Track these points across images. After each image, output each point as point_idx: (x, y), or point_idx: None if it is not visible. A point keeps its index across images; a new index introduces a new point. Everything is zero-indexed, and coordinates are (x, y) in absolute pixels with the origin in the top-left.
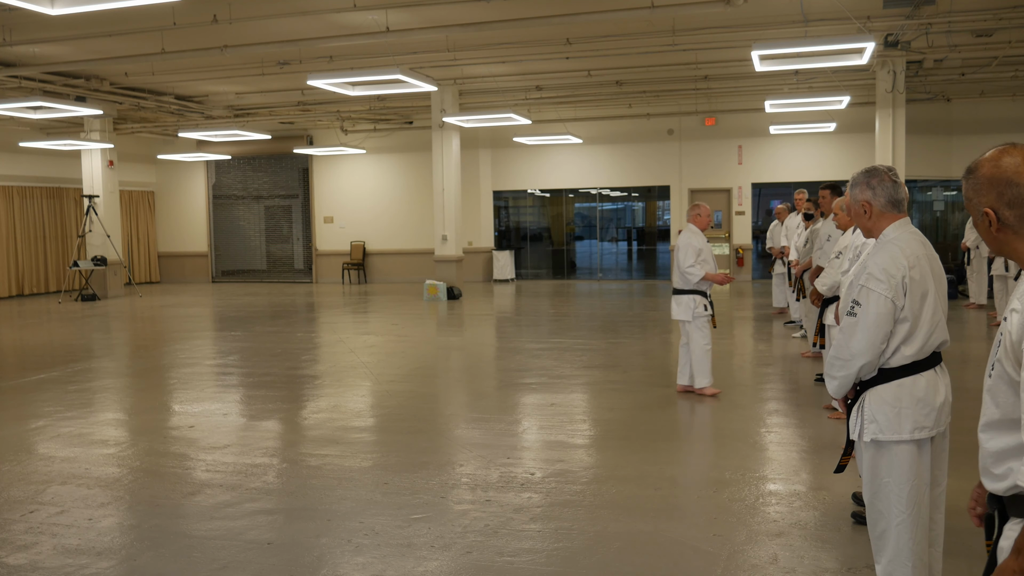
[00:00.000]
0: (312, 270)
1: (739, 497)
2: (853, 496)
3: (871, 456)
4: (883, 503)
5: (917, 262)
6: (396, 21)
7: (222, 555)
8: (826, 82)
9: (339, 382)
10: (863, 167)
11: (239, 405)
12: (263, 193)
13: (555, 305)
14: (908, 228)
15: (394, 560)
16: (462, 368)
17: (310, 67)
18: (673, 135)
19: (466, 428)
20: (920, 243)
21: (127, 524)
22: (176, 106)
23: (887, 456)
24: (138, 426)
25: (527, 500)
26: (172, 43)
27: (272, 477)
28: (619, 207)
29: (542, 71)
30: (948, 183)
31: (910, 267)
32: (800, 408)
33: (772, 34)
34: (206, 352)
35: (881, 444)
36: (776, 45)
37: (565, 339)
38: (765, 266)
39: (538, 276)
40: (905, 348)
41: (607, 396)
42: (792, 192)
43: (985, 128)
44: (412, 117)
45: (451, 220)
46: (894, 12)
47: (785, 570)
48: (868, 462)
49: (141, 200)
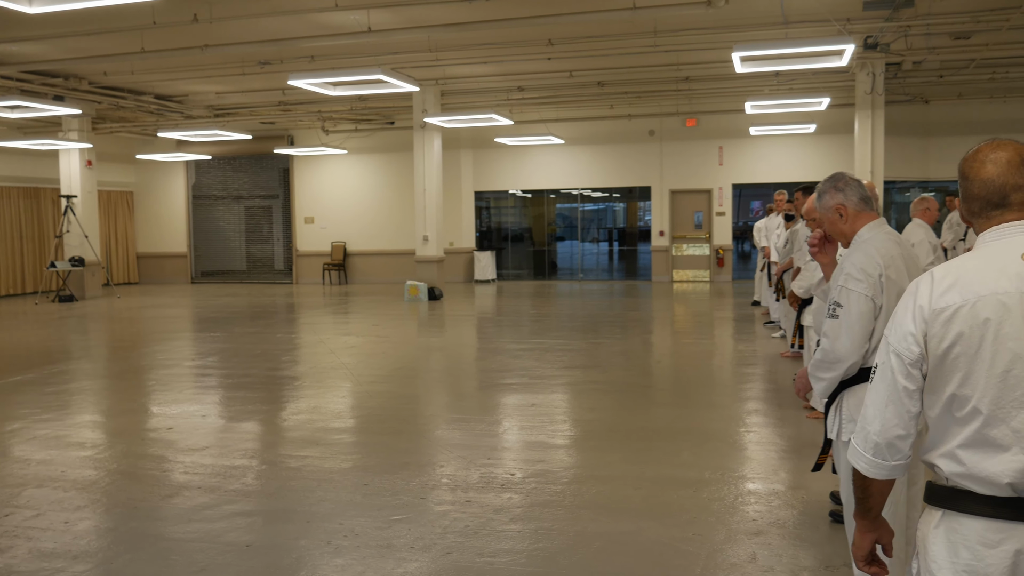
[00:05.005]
0: (292, 271)
1: (718, 496)
2: (831, 495)
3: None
4: None
5: (892, 261)
6: (378, 21)
7: (200, 558)
8: (806, 84)
9: (319, 383)
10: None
11: (218, 407)
12: (243, 193)
13: (536, 306)
14: (883, 228)
15: (374, 561)
16: (443, 369)
17: (291, 67)
18: (654, 136)
19: (447, 429)
20: (895, 243)
21: (104, 527)
22: (156, 106)
23: None
24: (115, 428)
25: (507, 501)
26: (152, 42)
27: (251, 479)
28: (600, 208)
29: (524, 72)
30: (926, 184)
31: (886, 266)
32: (779, 408)
33: (753, 36)
34: (185, 353)
35: None
36: (756, 47)
37: (546, 340)
38: (746, 266)
39: (519, 277)
40: None
41: (588, 396)
42: (772, 193)
43: (963, 130)
44: (394, 117)
45: (432, 221)
46: (873, 14)
47: (764, 569)
48: (845, 461)
49: (120, 200)
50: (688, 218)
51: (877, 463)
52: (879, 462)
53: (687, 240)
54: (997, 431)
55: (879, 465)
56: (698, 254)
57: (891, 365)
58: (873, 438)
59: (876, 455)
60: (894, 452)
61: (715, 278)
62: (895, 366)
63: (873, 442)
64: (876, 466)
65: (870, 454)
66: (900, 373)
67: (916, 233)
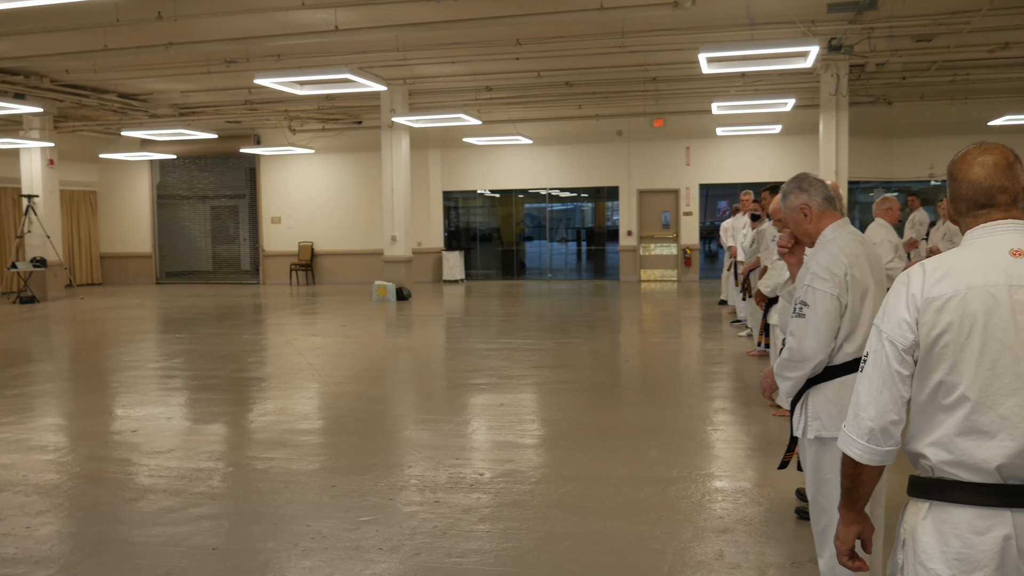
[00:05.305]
0: (259, 271)
1: (686, 495)
2: (797, 492)
3: (814, 453)
4: (826, 499)
5: (857, 261)
6: (345, 20)
7: (165, 561)
8: (772, 85)
9: (286, 384)
10: (804, 170)
11: (184, 408)
12: (209, 193)
13: (505, 305)
14: (847, 228)
15: (342, 563)
16: (411, 369)
17: (257, 66)
18: (622, 136)
19: (415, 429)
20: (858, 242)
21: (66, 532)
22: (119, 104)
23: (830, 453)
24: (78, 431)
25: (476, 501)
26: (115, 40)
27: (217, 481)
28: (569, 208)
29: (492, 72)
30: (889, 184)
31: (850, 265)
32: (746, 406)
33: (719, 37)
34: (150, 355)
35: (824, 441)
36: (723, 48)
37: (514, 339)
38: (713, 266)
39: (488, 276)
40: (847, 346)
41: (556, 396)
42: (739, 193)
43: (925, 131)
44: (361, 117)
45: (400, 221)
46: (837, 16)
47: (731, 566)
48: (811, 459)
49: (83, 200)
50: (656, 218)
51: (871, 448)
52: (873, 447)
53: (655, 240)
54: (985, 418)
55: (873, 451)
56: (665, 254)
57: (885, 352)
58: (868, 424)
59: (871, 440)
60: (888, 437)
61: (682, 277)
62: (889, 352)
63: (868, 428)
64: (870, 452)
65: (864, 440)
66: (894, 359)
67: (878, 233)
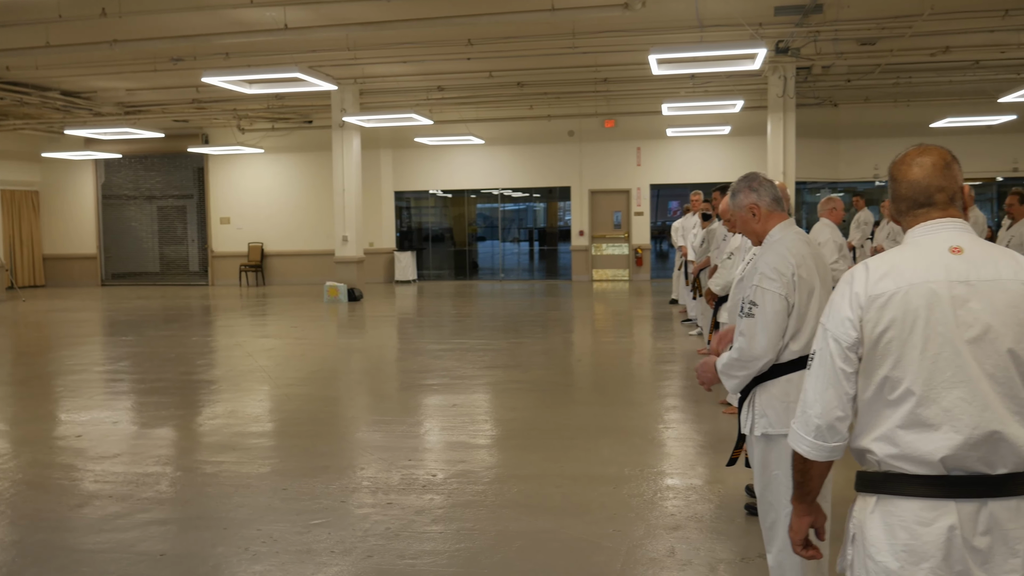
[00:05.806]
0: (208, 272)
1: (638, 493)
2: (746, 488)
3: (761, 450)
4: (773, 495)
5: (803, 260)
6: (295, 18)
7: (112, 568)
8: (721, 86)
9: (236, 387)
10: (752, 170)
11: (130, 412)
12: (156, 193)
13: (457, 306)
14: (792, 228)
15: (293, 567)
16: (363, 370)
17: (205, 64)
18: (574, 137)
19: (367, 431)
20: (804, 242)
21: (8, 540)
22: (62, 102)
23: (777, 449)
24: (20, 437)
25: (429, 502)
26: (57, 36)
27: (165, 486)
28: (521, 208)
29: (444, 71)
30: (835, 185)
31: (797, 265)
32: (696, 404)
33: (669, 39)
34: (95, 358)
35: (771, 438)
36: (673, 49)
37: (467, 340)
38: (664, 265)
39: (440, 277)
40: (793, 344)
41: (509, 396)
42: (689, 193)
43: (870, 132)
44: (312, 116)
45: (352, 221)
46: (784, 20)
47: (682, 563)
48: (759, 456)
49: (24, 200)
50: (607, 218)
51: (818, 445)
52: (820, 444)
53: (606, 240)
54: (929, 411)
55: (820, 447)
56: (617, 253)
57: (830, 350)
58: (815, 421)
59: (817, 437)
60: (834, 434)
61: (634, 277)
62: (833, 350)
63: (815, 424)
64: (817, 448)
65: (811, 437)
66: (839, 357)
67: (823, 232)
